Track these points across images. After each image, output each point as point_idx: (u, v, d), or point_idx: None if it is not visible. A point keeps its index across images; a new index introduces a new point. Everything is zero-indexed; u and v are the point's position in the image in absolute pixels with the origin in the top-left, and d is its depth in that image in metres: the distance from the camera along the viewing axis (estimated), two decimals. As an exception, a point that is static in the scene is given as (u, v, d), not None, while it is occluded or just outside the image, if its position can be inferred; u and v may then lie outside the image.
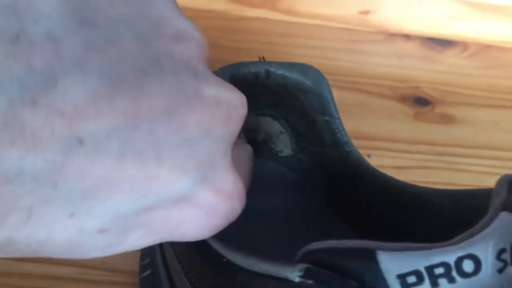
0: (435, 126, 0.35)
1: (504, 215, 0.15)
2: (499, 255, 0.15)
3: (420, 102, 0.36)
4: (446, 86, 0.37)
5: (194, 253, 0.20)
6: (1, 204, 0.12)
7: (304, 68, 0.23)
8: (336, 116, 0.24)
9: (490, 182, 0.32)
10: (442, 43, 0.39)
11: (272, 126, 0.26)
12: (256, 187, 0.22)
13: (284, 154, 0.26)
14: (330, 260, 0.15)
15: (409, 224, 0.22)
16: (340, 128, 0.24)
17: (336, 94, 0.35)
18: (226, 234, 0.18)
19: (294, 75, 0.23)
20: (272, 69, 0.23)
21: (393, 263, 0.14)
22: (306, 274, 0.15)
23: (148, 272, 0.25)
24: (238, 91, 0.18)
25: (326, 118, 0.23)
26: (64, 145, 0.13)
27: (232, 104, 0.17)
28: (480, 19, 0.39)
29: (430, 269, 0.14)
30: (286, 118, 0.25)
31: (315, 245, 0.16)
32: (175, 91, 0.15)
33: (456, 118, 0.35)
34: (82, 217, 0.14)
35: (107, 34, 0.14)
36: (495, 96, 0.37)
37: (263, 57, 0.24)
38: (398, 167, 0.33)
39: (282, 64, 0.23)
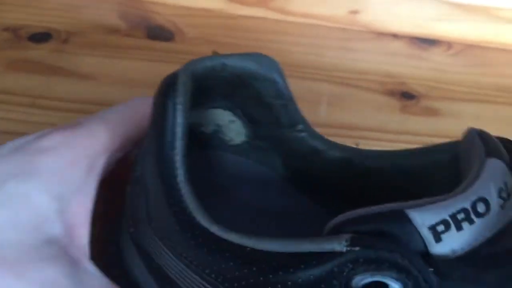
0: (420, 118, 0.36)
1: (491, 161, 0.17)
2: (499, 194, 0.17)
3: (407, 96, 0.38)
4: (431, 82, 0.39)
5: (205, 252, 0.19)
6: None
7: (257, 58, 0.24)
8: (290, 98, 0.24)
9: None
10: (428, 42, 0.41)
11: (222, 116, 0.27)
12: (222, 183, 0.23)
13: (235, 143, 0.27)
14: (365, 226, 0.16)
15: (371, 190, 0.23)
16: (296, 109, 0.25)
17: (328, 88, 0.37)
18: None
19: (248, 65, 0.24)
20: (227, 62, 0.23)
21: (423, 217, 0.16)
22: (352, 243, 0.16)
23: None
24: None
25: (281, 102, 0.25)
26: None
27: None
28: (463, 20, 0.41)
29: (453, 216, 0.16)
30: (241, 107, 0.26)
31: (342, 217, 0.16)
32: None
33: (440, 111, 0.37)
34: None
35: None
36: (477, 92, 0.39)
37: (216, 52, 0.24)
38: (386, 157, 0.34)
39: (235, 56, 0.24)
